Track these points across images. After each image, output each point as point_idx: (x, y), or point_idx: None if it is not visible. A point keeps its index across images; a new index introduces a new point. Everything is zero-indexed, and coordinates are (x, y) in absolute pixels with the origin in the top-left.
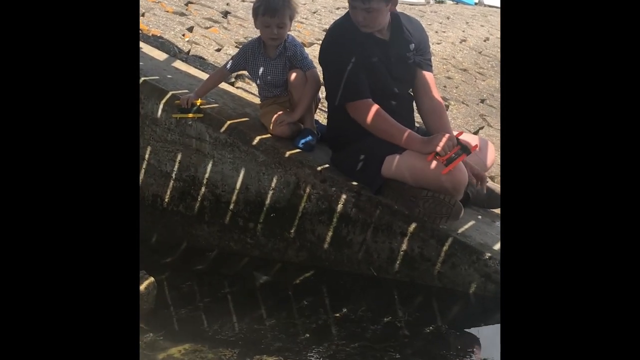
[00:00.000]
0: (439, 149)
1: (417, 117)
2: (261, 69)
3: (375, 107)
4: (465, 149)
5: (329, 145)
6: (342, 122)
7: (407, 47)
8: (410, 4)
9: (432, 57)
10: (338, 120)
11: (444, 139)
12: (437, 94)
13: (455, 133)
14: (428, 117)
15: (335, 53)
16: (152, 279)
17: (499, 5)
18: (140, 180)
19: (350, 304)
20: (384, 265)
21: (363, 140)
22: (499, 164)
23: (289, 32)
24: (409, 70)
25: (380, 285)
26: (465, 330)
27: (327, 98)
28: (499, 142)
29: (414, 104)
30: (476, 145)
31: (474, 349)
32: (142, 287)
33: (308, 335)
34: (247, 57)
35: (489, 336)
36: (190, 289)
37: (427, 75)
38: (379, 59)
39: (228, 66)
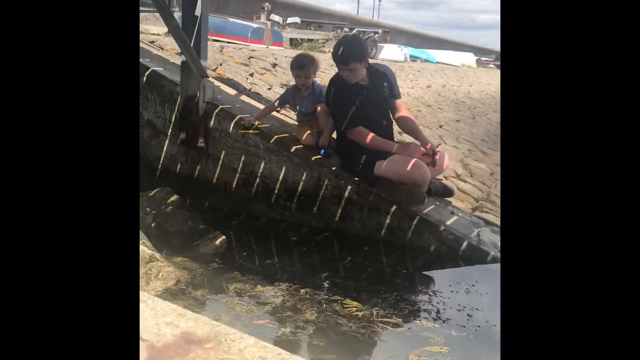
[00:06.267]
0: (428, 145)
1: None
2: (297, 105)
3: (366, 131)
4: (433, 159)
5: (338, 154)
6: (347, 140)
7: (381, 85)
8: (393, 61)
9: (408, 97)
10: (344, 138)
11: (428, 145)
12: (407, 112)
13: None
14: (404, 127)
15: (335, 99)
16: (223, 237)
17: (452, 63)
18: (217, 173)
19: (352, 255)
20: (374, 232)
21: (360, 151)
22: (450, 168)
23: (315, 79)
24: (386, 101)
25: (371, 244)
26: (425, 272)
27: (334, 124)
28: (450, 154)
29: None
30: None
31: (430, 284)
32: (217, 242)
33: (323, 271)
34: (289, 96)
35: (438, 276)
36: (248, 241)
37: (398, 101)
38: (363, 98)
39: (277, 103)
